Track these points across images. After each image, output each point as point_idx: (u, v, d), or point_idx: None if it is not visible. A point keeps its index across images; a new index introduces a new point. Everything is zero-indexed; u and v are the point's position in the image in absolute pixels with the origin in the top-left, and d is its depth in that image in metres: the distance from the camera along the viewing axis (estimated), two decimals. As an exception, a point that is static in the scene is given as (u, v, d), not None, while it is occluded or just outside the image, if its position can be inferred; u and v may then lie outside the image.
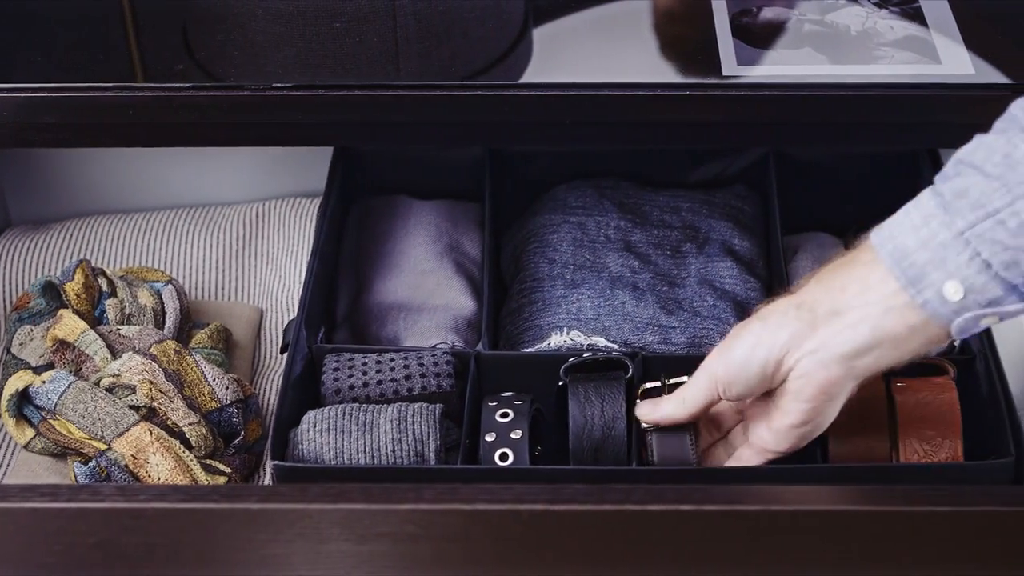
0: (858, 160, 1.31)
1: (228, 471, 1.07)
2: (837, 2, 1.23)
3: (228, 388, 1.11)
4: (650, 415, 1.00)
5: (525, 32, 1.21)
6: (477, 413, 1.04)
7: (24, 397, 1.10)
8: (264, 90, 1.12)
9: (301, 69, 1.16)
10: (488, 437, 1.01)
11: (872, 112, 1.13)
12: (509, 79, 1.16)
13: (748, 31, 1.19)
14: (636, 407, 1.01)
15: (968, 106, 1.12)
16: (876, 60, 1.15)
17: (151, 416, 1.08)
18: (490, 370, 1.10)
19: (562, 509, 0.84)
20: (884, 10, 1.21)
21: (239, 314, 1.26)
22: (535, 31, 1.22)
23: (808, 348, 0.90)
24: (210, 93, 1.13)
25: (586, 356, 1.07)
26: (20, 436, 1.11)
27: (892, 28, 1.19)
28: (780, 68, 1.15)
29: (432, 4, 1.22)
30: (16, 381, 1.10)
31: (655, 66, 1.17)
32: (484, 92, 1.13)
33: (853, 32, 1.18)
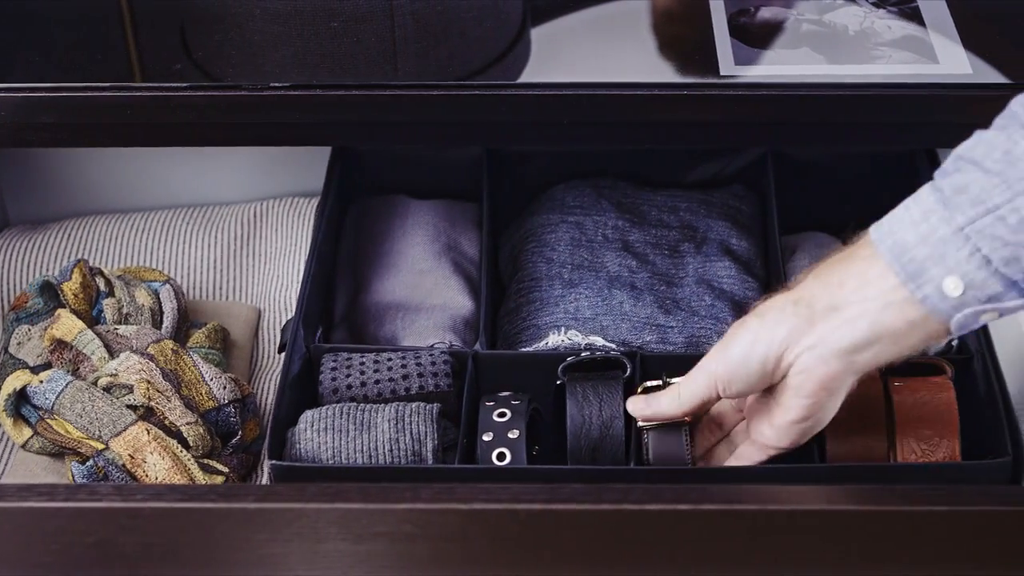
0: (856, 160, 1.31)
1: (226, 471, 1.07)
2: (835, 2, 1.23)
3: (226, 388, 1.11)
4: (644, 411, 0.99)
5: (523, 32, 1.21)
6: (475, 413, 1.04)
7: (21, 397, 1.10)
8: (262, 90, 1.12)
9: (299, 69, 1.16)
10: (485, 437, 1.01)
11: (870, 112, 1.13)
12: (507, 79, 1.16)
13: (746, 31, 1.19)
14: (629, 402, 1.00)
15: (966, 106, 1.12)
16: (874, 60, 1.15)
17: (149, 416, 1.08)
18: (488, 370, 1.10)
19: (559, 509, 0.84)
20: (882, 10, 1.21)
21: (237, 314, 1.26)
22: (533, 31, 1.22)
23: (807, 344, 0.90)
24: (208, 93, 1.12)
25: (584, 355, 1.06)
26: (17, 436, 1.11)
27: (890, 28, 1.19)
28: (778, 68, 1.15)
29: (430, 4, 1.22)
30: (14, 381, 1.10)
31: (653, 66, 1.17)
32: (482, 92, 1.13)
33: (851, 32, 1.18)
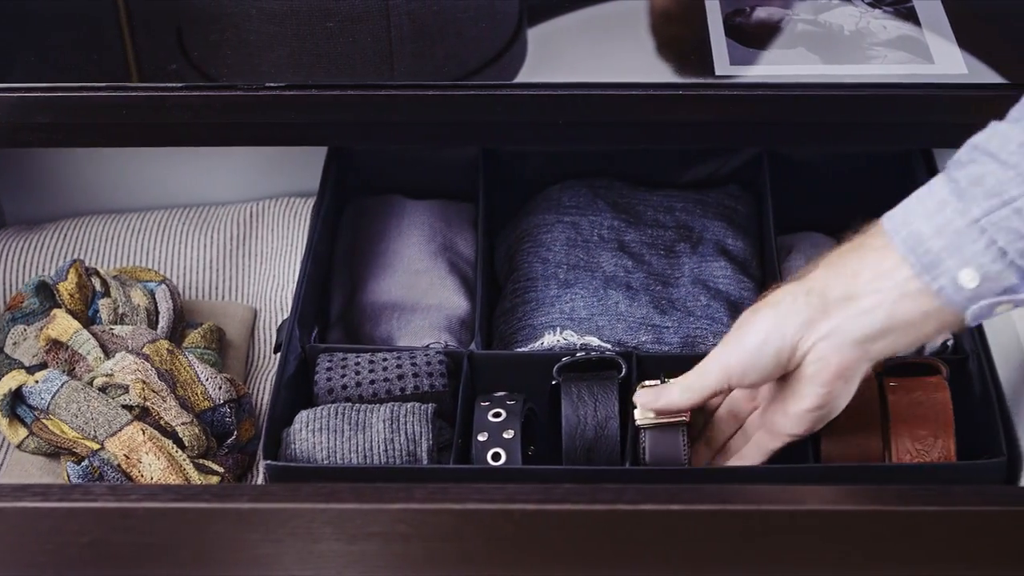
0: (851, 160, 1.31)
1: (221, 471, 1.07)
2: (830, 2, 1.22)
3: (221, 388, 1.11)
4: (653, 402, 0.98)
5: (519, 32, 1.21)
6: (470, 413, 1.04)
7: (17, 397, 1.10)
8: (257, 90, 1.12)
9: (294, 69, 1.16)
10: (480, 437, 1.01)
11: (865, 112, 1.12)
12: (503, 79, 1.16)
13: (741, 31, 1.19)
14: (636, 394, 0.99)
15: (961, 106, 1.11)
16: (869, 60, 1.15)
17: (144, 416, 1.08)
18: (483, 370, 1.10)
19: (554, 509, 0.84)
20: (877, 10, 1.21)
21: (233, 314, 1.26)
22: (529, 31, 1.22)
23: (822, 332, 0.90)
24: (203, 93, 1.12)
25: (579, 356, 1.06)
26: (13, 436, 1.11)
27: (885, 28, 1.19)
28: (773, 68, 1.15)
29: (426, 4, 1.22)
30: (9, 381, 1.10)
31: (648, 66, 1.17)
32: (478, 92, 1.13)
33: (846, 32, 1.18)
